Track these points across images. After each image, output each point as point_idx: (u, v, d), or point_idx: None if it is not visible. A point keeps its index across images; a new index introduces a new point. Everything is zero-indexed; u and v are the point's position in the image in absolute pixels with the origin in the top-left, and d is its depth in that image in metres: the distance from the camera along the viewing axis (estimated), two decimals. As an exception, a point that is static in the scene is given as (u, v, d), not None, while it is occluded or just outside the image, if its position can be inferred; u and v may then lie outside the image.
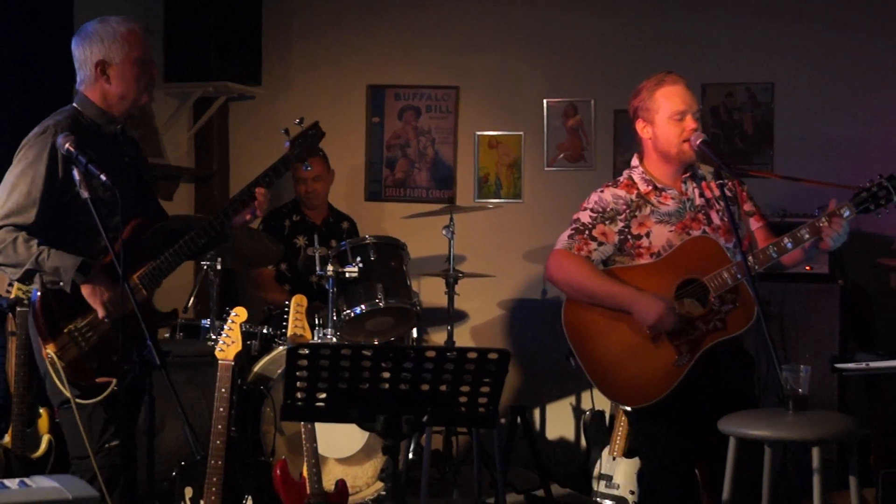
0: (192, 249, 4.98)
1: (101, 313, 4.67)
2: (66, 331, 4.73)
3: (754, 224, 5.17)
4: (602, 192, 5.17)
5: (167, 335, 6.86)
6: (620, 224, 5.08)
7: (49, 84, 6.58)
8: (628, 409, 5.15)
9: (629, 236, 5.07)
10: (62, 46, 6.64)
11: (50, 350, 4.66)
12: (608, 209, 5.10)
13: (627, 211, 5.08)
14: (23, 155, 4.70)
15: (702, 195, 5.12)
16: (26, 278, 4.65)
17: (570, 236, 5.14)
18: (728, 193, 5.01)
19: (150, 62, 4.92)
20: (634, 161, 5.24)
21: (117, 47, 4.80)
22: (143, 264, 4.88)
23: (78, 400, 4.67)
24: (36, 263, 4.58)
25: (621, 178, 5.21)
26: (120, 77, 4.82)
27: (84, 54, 4.85)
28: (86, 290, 4.66)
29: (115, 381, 4.65)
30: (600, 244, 5.10)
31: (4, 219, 4.63)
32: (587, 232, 5.10)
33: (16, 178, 4.67)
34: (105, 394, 4.68)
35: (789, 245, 4.86)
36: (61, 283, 4.63)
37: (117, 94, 4.85)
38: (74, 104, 4.89)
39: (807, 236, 4.84)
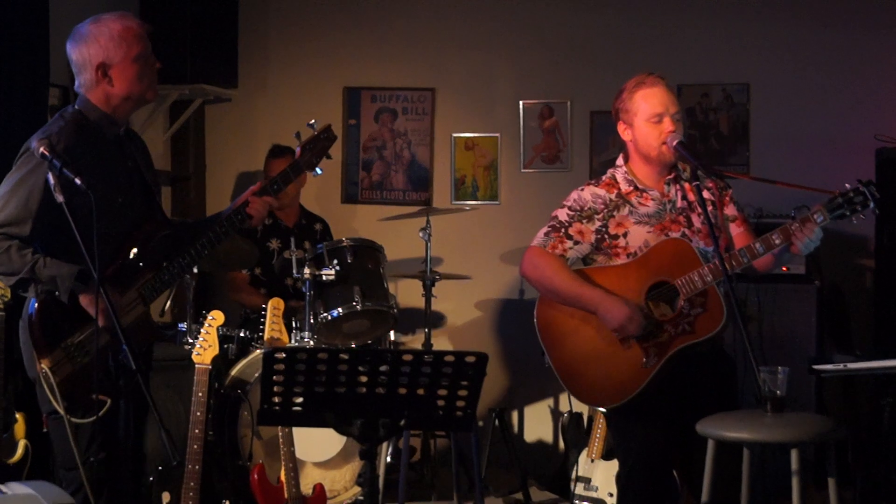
0: (196, 261, 4.86)
1: (101, 320, 4.42)
2: (61, 346, 4.56)
3: (735, 229, 5.15)
4: (582, 190, 5.16)
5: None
6: (598, 223, 5.08)
7: (23, 85, 6.56)
8: (603, 409, 5.16)
9: (606, 236, 5.07)
10: (37, 48, 6.67)
11: (45, 365, 4.47)
12: (586, 208, 5.10)
13: (605, 210, 5.08)
14: (23, 161, 4.54)
15: (684, 198, 5.11)
16: (20, 287, 4.53)
17: (547, 233, 5.15)
18: (708, 196, 5.00)
19: (150, 57, 4.76)
20: (619, 161, 5.23)
21: (115, 46, 4.64)
22: (145, 275, 4.76)
23: (73, 419, 4.52)
24: (31, 272, 4.45)
25: (604, 177, 5.20)
26: (122, 77, 4.67)
27: (82, 57, 4.68)
28: (84, 300, 4.50)
29: (109, 400, 4.52)
30: (576, 243, 5.10)
31: None
32: (563, 230, 5.10)
33: (14, 185, 4.51)
34: (102, 412, 4.52)
35: (760, 249, 4.85)
36: (57, 293, 4.50)
37: (121, 95, 4.70)
38: (77, 107, 4.72)
39: (777, 241, 4.83)
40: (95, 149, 4.64)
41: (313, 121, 5.10)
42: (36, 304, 4.56)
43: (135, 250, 4.72)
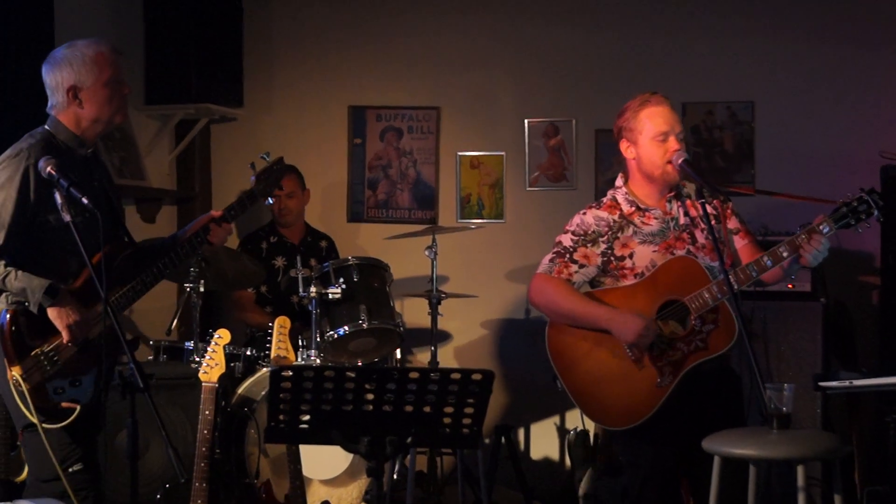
0: (160, 277, 5.06)
1: (65, 337, 4.68)
2: (32, 354, 4.71)
3: (739, 242, 5.16)
4: (584, 214, 5.17)
5: (150, 357, 6.84)
6: (603, 246, 5.09)
7: (29, 105, 6.59)
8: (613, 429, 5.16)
9: (612, 258, 5.08)
10: (41, 61, 6.69)
11: (15, 372, 4.64)
12: (590, 231, 5.11)
13: (609, 233, 5.09)
14: None
15: (686, 214, 5.13)
16: None
17: (551, 259, 5.15)
18: (712, 211, 5.01)
19: (121, 82, 4.95)
20: (619, 181, 5.24)
21: (87, 71, 4.84)
22: (113, 291, 4.89)
23: (44, 424, 4.65)
24: (2, 283, 4.62)
25: (605, 199, 5.21)
26: (92, 100, 4.86)
27: (55, 80, 4.88)
28: (52, 313, 4.67)
29: (79, 406, 4.67)
30: (581, 266, 5.11)
31: None
32: (568, 255, 5.11)
33: None
34: (71, 418, 4.67)
35: (769, 263, 4.85)
36: (27, 304, 4.64)
37: (90, 118, 4.88)
38: (47, 127, 4.91)
39: (785, 254, 4.83)
40: (64, 167, 4.72)
41: (265, 153, 5.32)
42: (7, 315, 4.70)
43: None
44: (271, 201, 5.35)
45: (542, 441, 8.34)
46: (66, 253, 4.62)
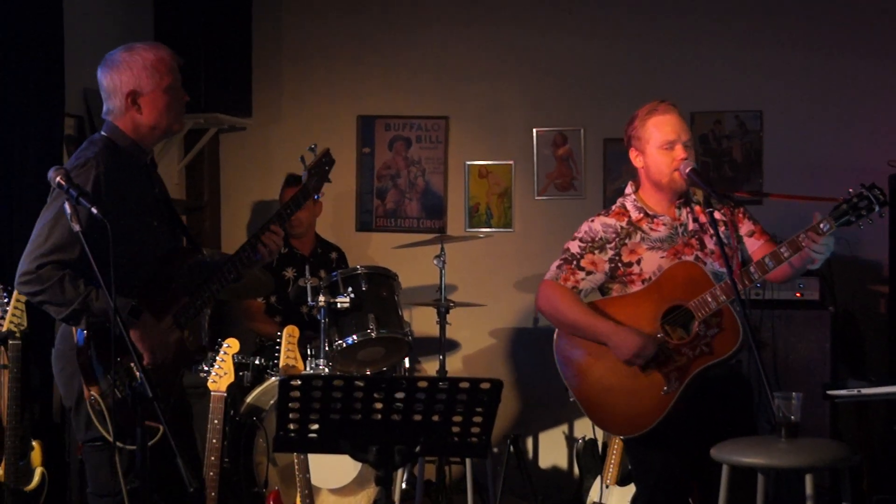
0: (223, 285, 4.88)
1: (147, 358, 4.51)
2: (109, 373, 4.53)
3: (754, 243, 5.13)
4: (592, 221, 5.18)
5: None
6: (610, 252, 5.09)
7: (37, 105, 6.61)
8: (621, 437, 5.16)
9: (620, 264, 5.08)
10: (52, 78, 6.71)
11: (94, 392, 4.48)
12: (597, 238, 5.11)
13: (617, 239, 5.09)
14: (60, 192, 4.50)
15: (695, 220, 5.12)
16: (72, 318, 4.49)
17: (559, 266, 5.16)
18: (720, 218, 5.01)
19: (180, 89, 4.80)
20: (629, 189, 5.25)
21: (147, 76, 4.66)
22: (178, 301, 4.76)
23: (126, 446, 4.49)
24: (84, 304, 4.44)
25: (614, 207, 5.21)
26: (152, 106, 4.68)
27: (113, 84, 4.68)
28: (135, 334, 4.48)
29: (162, 427, 4.51)
30: (589, 273, 5.11)
31: (48, 255, 4.45)
32: (575, 262, 5.11)
33: (57, 213, 4.46)
34: (156, 439, 4.48)
35: (770, 264, 4.83)
36: (108, 325, 4.43)
37: (149, 124, 4.71)
38: (105, 133, 4.72)
39: (786, 254, 4.81)
40: (129, 174, 4.66)
41: (313, 145, 5.17)
42: (85, 334, 4.52)
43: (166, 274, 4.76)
44: (317, 197, 5.25)
45: (551, 450, 8.34)
46: (132, 263, 4.49)
